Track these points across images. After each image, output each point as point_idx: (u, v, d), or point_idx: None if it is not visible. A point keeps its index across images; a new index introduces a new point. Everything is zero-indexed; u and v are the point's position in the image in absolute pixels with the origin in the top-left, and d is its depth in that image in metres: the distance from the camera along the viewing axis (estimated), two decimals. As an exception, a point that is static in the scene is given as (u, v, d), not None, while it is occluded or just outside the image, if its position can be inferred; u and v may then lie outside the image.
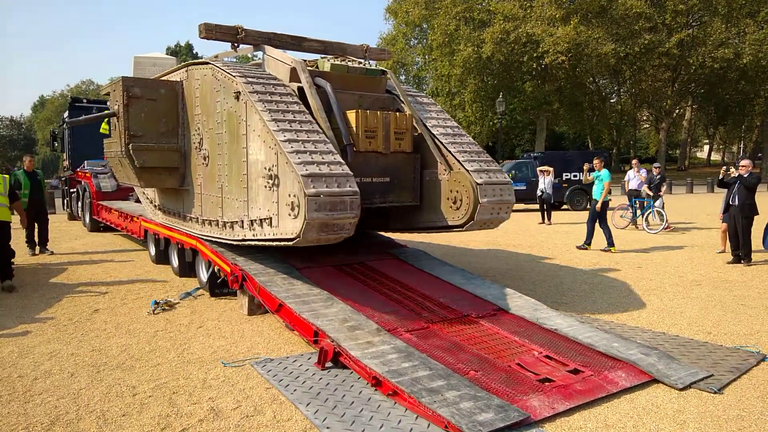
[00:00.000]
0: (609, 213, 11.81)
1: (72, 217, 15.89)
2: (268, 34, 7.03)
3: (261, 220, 5.70)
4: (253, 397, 4.28)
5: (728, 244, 10.10)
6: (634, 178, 15.25)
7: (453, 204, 6.33)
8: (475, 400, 3.91)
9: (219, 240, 6.74)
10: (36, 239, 10.66)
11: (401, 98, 6.83)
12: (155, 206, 9.10)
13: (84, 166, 14.30)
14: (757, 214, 9.66)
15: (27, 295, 7.39)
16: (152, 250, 9.53)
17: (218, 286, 7.19)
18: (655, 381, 4.59)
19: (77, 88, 75.26)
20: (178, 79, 7.51)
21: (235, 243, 6.44)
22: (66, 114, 16.94)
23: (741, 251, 9.61)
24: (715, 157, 62.47)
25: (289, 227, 5.20)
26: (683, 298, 7.35)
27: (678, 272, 9.03)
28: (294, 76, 6.28)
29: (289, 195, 5.11)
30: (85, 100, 17.80)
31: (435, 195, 6.61)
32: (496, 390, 4.18)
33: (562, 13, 33.74)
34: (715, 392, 4.41)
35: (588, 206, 19.90)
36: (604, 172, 11.22)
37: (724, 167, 10.44)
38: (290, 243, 5.18)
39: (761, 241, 10.21)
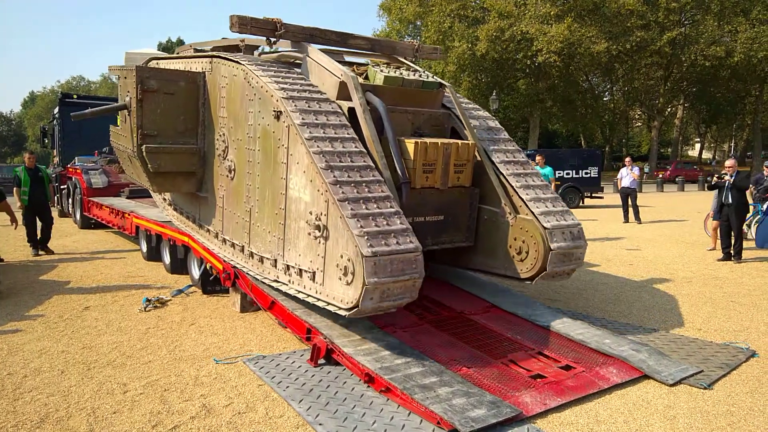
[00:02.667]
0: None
1: (63, 213, 15.78)
2: (311, 29, 6.08)
3: (301, 269, 4.84)
4: (245, 394, 4.27)
5: (719, 241, 10.18)
6: (627, 175, 15.32)
7: (517, 254, 5.49)
8: (468, 397, 3.92)
9: (245, 270, 5.86)
10: (38, 238, 10.22)
11: (461, 118, 5.88)
12: (166, 201, 8.38)
13: (74, 162, 14.20)
14: (749, 212, 9.75)
15: (17, 293, 7.33)
16: (144, 246, 9.47)
17: (210, 283, 7.16)
18: (646, 377, 4.62)
19: (68, 84, 74.71)
20: (200, 70, 6.51)
21: (264, 281, 5.52)
22: (56, 110, 16.81)
23: (733, 249, 9.69)
24: (707, 155, 62.85)
25: (339, 292, 4.37)
26: (674, 295, 7.39)
27: (669, 269, 9.08)
28: (343, 92, 5.33)
29: (342, 256, 4.28)
30: (75, 96, 17.68)
31: (495, 238, 5.73)
32: (488, 386, 4.19)
33: (556, 11, 33.79)
34: (705, 388, 4.44)
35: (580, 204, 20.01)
36: (547, 168, 11.71)
37: (716, 176, 10.49)
38: (344, 313, 4.33)
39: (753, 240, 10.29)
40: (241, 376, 4.62)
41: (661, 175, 34.10)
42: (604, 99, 48.70)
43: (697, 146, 64.36)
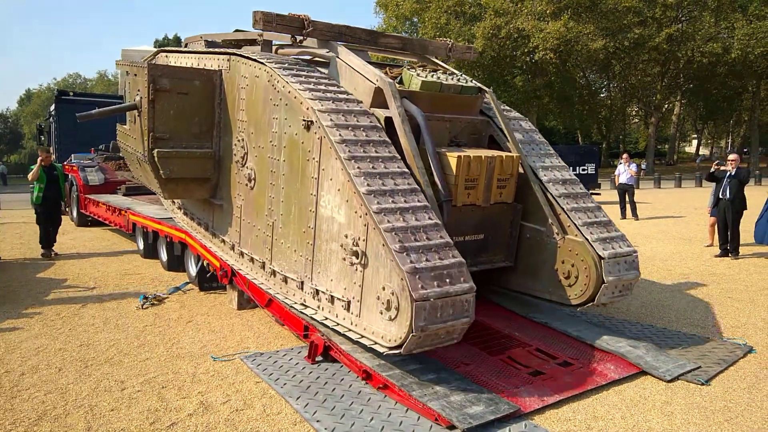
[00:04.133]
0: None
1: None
2: (340, 27, 5.65)
3: (333, 296, 4.45)
4: (242, 391, 4.27)
5: (716, 237, 10.19)
6: (624, 172, 15.36)
7: (565, 278, 5.05)
8: (466, 393, 3.92)
9: (266, 289, 5.42)
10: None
11: (502, 127, 5.43)
12: (175, 203, 7.90)
13: (71, 160, 14.15)
14: (746, 208, 9.76)
15: (14, 290, 7.31)
16: (141, 244, 9.45)
17: (207, 281, 7.15)
18: (644, 373, 4.62)
19: (64, 82, 74.45)
20: (217, 68, 6.04)
21: (288, 302, 5.09)
22: (53, 107, 16.75)
23: (730, 245, 9.70)
24: (704, 151, 62.97)
25: (379, 327, 3.96)
26: (671, 291, 7.41)
27: (666, 265, 9.10)
28: (379, 98, 4.86)
29: (384, 288, 3.86)
30: (71, 93, 17.61)
31: (538, 259, 5.29)
32: (486, 383, 4.20)
33: (552, 8, 33.78)
34: (702, 384, 4.45)
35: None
36: None
37: (716, 163, 10.51)
38: (383, 350, 3.94)
39: (751, 235, 10.30)
40: (238, 373, 4.61)
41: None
42: (601, 95, 48.75)
43: (694, 142, 64.50)
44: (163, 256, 8.52)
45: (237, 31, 6.99)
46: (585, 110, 45.06)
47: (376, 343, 3.98)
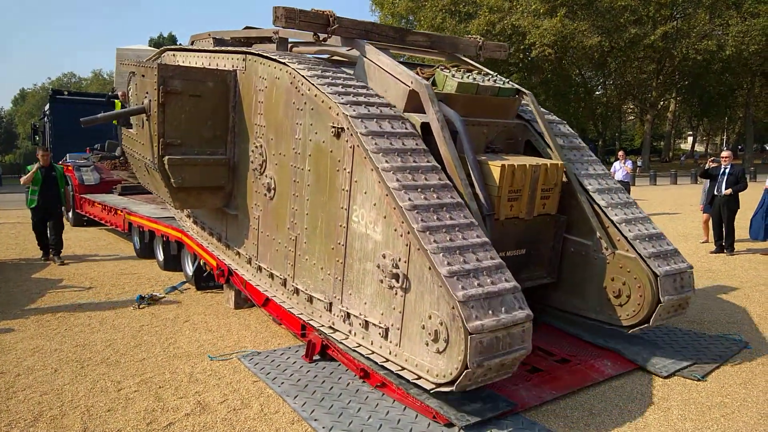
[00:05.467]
0: None
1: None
2: (366, 24, 5.25)
3: (367, 321, 4.08)
4: (240, 390, 4.26)
5: (711, 233, 10.23)
6: (620, 169, 15.37)
7: (614, 297, 4.70)
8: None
9: (287, 308, 5.03)
10: (49, 243, 9.15)
11: (543, 133, 5.08)
12: (184, 211, 7.33)
13: (66, 159, 14.10)
14: (738, 207, 9.81)
15: (9, 291, 7.28)
16: (136, 243, 9.42)
17: (204, 280, 7.14)
18: (640, 369, 4.64)
19: (58, 81, 74.16)
20: (231, 68, 5.66)
21: (314, 323, 4.69)
22: (47, 107, 16.69)
23: (725, 241, 9.74)
24: (699, 148, 63.17)
25: (425, 360, 3.61)
26: (668, 288, 7.42)
27: (662, 262, 9.11)
28: (413, 102, 4.46)
29: (430, 317, 3.52)
30: (66, 93, 17.54)
31: (584, 275, 4.94)
32: (483, 380, 4.18)
33: (546, 7, 33.81)
34: (698, 380, 4.47)
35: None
36: None
37: (711, 159, 10.56)
38: (430, 387, 3.57)
39: (746, 231, 10.35)
40: (235, 372, 4.60)
41: None
42: (597, 93, 48.82)
43: (690, 139, 64.71)
44: (160, 255, 8.50)
45: (247, 28, 6.68)
46: (581, 108, 45.12)
47: (420, 377, 3.63)
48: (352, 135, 4.08)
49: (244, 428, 3.70)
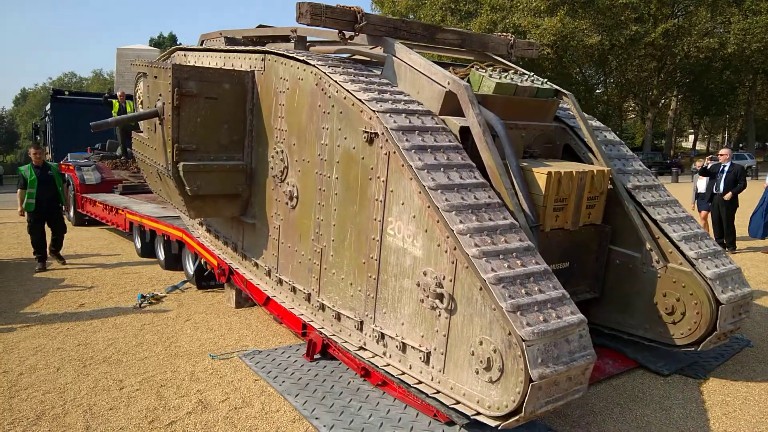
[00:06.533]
0: None
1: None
2: (395, 21, 4.96)
3: (405, 344, 3.77)
4: (241, 389, 4.27)
5: (711, 231, 10.23)
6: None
7: (667, 314, 4.40)
8: (464, 389, 3.88)
9: (311, 322, 4.75)
10: (48, 248, 8.77)
11: (585, 136, 4.76)
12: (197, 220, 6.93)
13: (67, 159, 14.12)
14: (737, 206, 9.82)
15: (12, 290, 7.29)
16: (138, 243, 9.43)
17: (205, 279, 7.15)
18: (641, 367, 4.64)
19: (59, 81, 74.26)
20: (248, 69, 5.37)
21: (340, 342, 4.40)
22: (48, 107, 16.71)
23: (726, 239, 9.73)
24: (700, 146, 63.11)
25: (475, 389, 3.31)
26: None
27: (664, 260, 9.11)
28: (449, 105, 4.16)
29: (482, 343, 3.23)
30: (66, 92, 17.57)
31: (631, 289, 4.62)
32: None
33: (547, 4, 33.78)
34: (700, 378, 4.47)
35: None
36: None
37: (709, 158, 10.60)
38: (497, 424, 3.22)
39: (746, 229, 10.35)
40: (237, 371, 4.61)
41: None
42: (598, 91, 48.77)
43: (691, 137, 64.61)
44: (161, 254, 8.51)
45: (260, 26, 6.45)
46: (581, 106, 45.05)
47: (478, 413, 3.28)
48: (387, 141, 3.77)
49: (245, 427, 3.71)
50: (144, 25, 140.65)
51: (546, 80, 4.84)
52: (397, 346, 3.84)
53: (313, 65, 4.50)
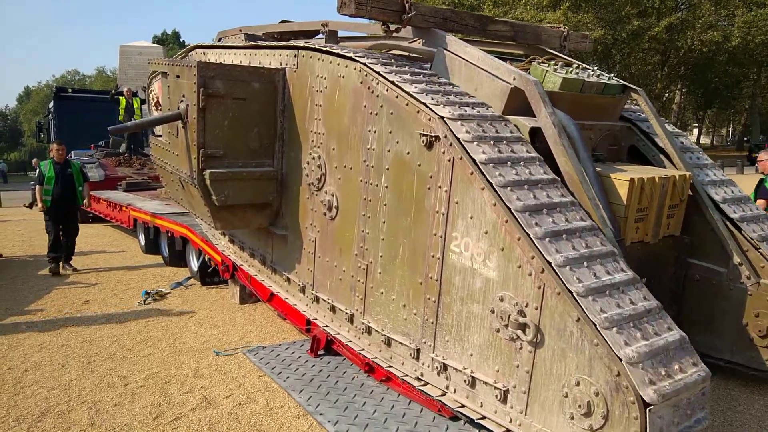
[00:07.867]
0: None
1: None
2: (444, 12, 4.57)
3: (474, 378, 3.35)
4: (245, 385, 4.28)
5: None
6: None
7: (760, 336, 3.99)
8: (468, 385, 3.85)
9: (351, 344, 4.34)
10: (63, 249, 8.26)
11: (658, 138, 4.39)
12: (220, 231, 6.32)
13: (71, 156, 14.16)
14: None
15: (16, 288, 7.32)
16: (142, 239, 9.46)
17: (209, 275, 7.16)
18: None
19: (63, 78, 74.37)
20: (279, 66, 4.90)
21: (392, 370, 3.96)
22: (51, 104, 16.75)
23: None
24: (705, 140, 62.85)
25: None
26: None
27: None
28: (513, 103, 3.74)
29: (578, 383, 2.80)
30: (70, 90, 17.61)
31: (716, 309, 4.23)
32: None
33: (550, -1, 33.69)
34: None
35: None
36: None
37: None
38: None
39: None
40: (241, 367, 4.62)
41: None
42: (602, 85, 48.66)
43: (695, 131, 64.37)
44: (165, 251, 8.53)
45: (283, 21, 6.14)
46: (585, 101, 44.96)
47: None
48: (451, 145, 3.34)
49: (249, 422, 3.72)
50: (146, 23, 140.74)
51: (613, 75, 4.45)
52: (465, 380, 3.40)
53: (358, 60, 4.02)
